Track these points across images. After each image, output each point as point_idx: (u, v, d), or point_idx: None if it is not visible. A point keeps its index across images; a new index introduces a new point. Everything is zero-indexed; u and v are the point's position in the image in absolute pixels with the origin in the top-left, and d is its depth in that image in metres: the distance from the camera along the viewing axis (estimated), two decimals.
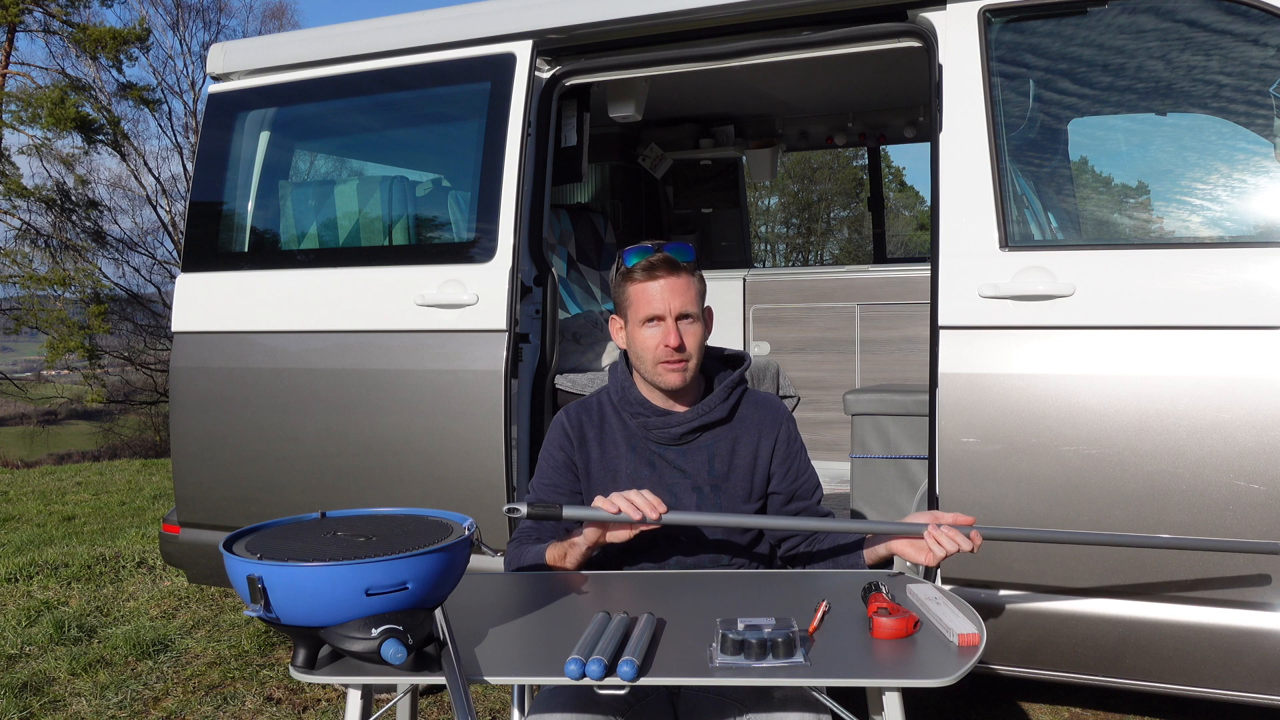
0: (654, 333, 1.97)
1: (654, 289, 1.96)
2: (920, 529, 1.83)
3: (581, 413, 2.11)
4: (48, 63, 28.46)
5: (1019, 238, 2.39)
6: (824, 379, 4.55)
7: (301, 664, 1.49)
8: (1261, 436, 2.12)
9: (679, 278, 1.96)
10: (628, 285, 2.00)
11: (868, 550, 1.99)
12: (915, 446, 3.26)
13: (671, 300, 1.95)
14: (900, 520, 1.93)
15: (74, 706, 3.18)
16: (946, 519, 1.83)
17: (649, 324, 1.97)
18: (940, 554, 1.80)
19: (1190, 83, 2.36)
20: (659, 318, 1.96)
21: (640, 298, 1.98)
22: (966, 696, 3.04)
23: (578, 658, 1.42)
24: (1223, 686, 2.19)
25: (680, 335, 1.95)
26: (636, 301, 1.98)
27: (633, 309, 2.00)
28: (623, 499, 1.80)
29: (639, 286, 1.98)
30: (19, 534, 5.92)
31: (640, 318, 1.98)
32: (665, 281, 1.96)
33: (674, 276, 1.96)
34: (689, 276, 1.98)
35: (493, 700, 3.11)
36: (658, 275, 1.96)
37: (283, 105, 3.39)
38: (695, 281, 1.99)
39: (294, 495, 3.11)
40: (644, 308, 1.97)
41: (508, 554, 2.06)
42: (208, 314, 3.33)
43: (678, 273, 1.96)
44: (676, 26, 2.82)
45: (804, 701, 1.63)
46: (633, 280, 1.98)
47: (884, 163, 14.26)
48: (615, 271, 2.04)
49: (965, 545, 1.80)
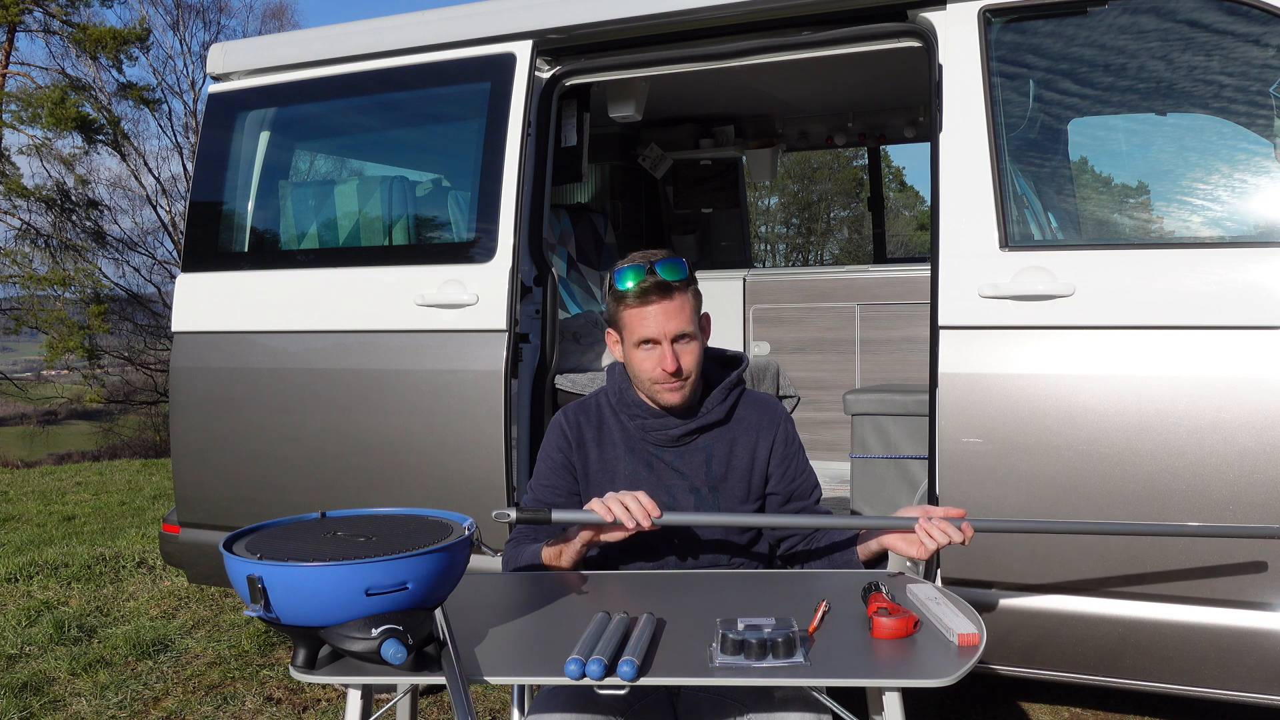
0: (649, 355, 1.94)
1: (648, 314, 1.92)
2: (911, 523, 1.83)
3: (580, 414, 2.10)
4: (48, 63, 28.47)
5: (1019, 238, 2.39)
6: (824, 379, 4.55)
7: (301, 664, 1.49)
8: (1261, 436, 2.12)
9: (672, 300, 1.92)
10: (621, 309, 1.95)
11: (861, 546, 1.99)
12: (915, 446, 3.26)
13: (666, 324, 1.91)
14: (891, 515, 1.93)
15: (74, 706, 3.18)
16: (937, 512, 1.83)
17: (644, 346, 1.94)
18: (932, 546, 1.80)
19: (1190, 83, 2.36)
20: (654, 341, 1.93)
21: (634, 322, 1.94)
22: (966, 696, 3.04)
23: (578, 658, 1.42)
24: (1223, 686, 2.19)
25: (677, 358, 1.92)
26: (630, 325, 1.95)
27: (626, 330, 1.96)
28: (616, 503, 1.78)
29: (632, 311, 1.93)
30: (19, 534, 5.92)
31: (634, 340, 1.95)
32: (659, 306, 1.91)
33: (667, 300, 1.91)
34: (683, 295, 1.93)
35: (493, 700, 3.11)
36: (650, 300, 1.91)
37: (283, 105, 3.39)
38: (690, 299, 1.95)
39: (294, 495, 3.11)
40: (638, 331, 1.93)
41: (505, 554, 2.06)
42: (208, 314, 3.33)
43: (670, 295, 1.91)
44: (676, 26, 2.82)
45: (804, 701, 1.63)
46: (625, 305, 1.94)
47: (884, 163, 14.27)
48: (607, 287, 2.01)
49: (956, 537, 1.80)
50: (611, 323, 2.02)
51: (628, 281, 1.92)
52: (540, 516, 1.81)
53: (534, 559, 1.97)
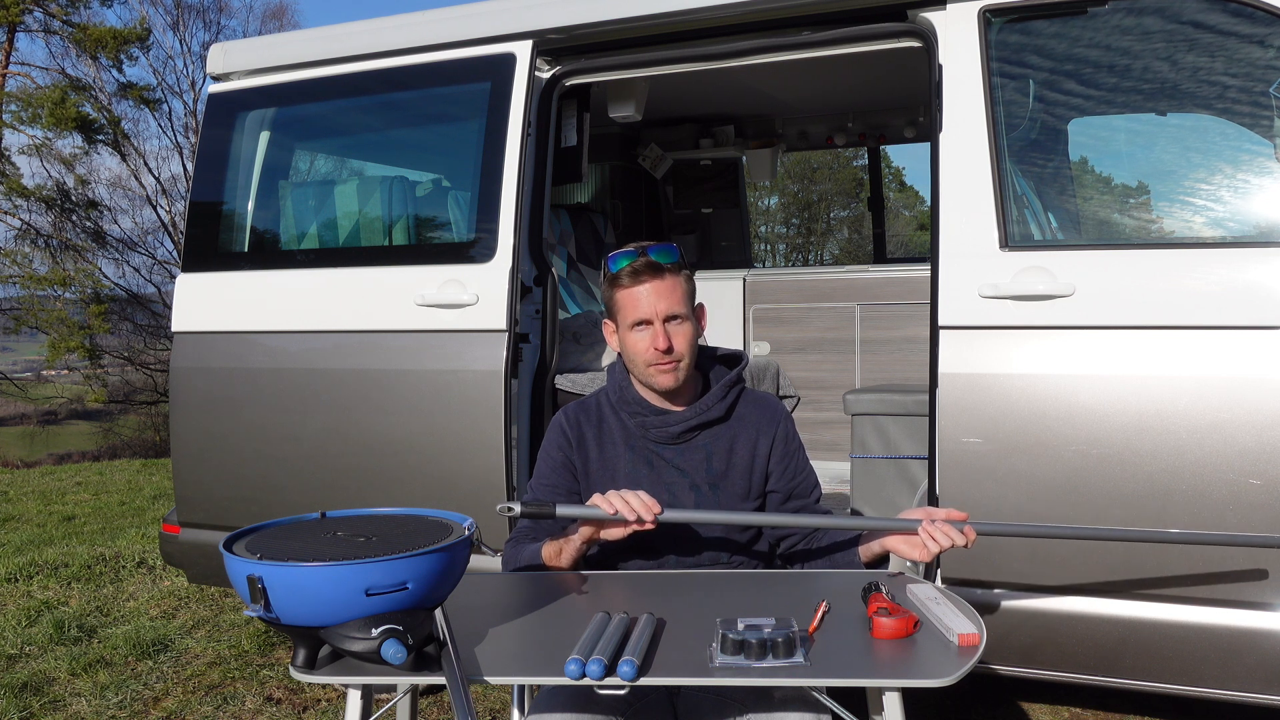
0: (642, 336, 1.97)
1: (639, 293, 1.96)
2: (914, 525, 1.83)
3: (580, 413, 2.12)
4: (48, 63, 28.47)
5: (1019, 238, 2.39)
6: (824, 379, 4.55)
7: (301, 664, 1.49)
8: (1261, 436, 2.12)
9: (664, 280, 1.96)
10: (615, 291, 2.00)
11: (862, 548, 1.99)
12: (915, 446, 3.26)
13: (658, 303, 1.95)
14: (893, 516, 1.93)
15: (74, 706, 3.18)
16: (940, 514, 1.83)
17: (637, 328, 1.98)
18: (935, 550, 1.80)
19: (1190, 83, 2.36)
20: (646, 321, 1.96)
21: (627, 303, 1.98)
22: (966, 696, 3.04)
23: (578, 658, 1.42)
24: (1223, 686, 2.19)
25: (669, 337, 1.95)
26: (624, 307, 1.99)
27: (621, 314, 2.00)
28: (619, 499, 1.80)
29: (625, 292, 1.98)
30: (19, 534, 5.92)
31: (628, 322, 1.98)
32: (650, 285, 1.95)
33: (658, 279, 1.96)
34: (674, 277, 1.98)
35: (493, 700, 3.11)
36: (642, 279, 1.96)
37: (283, 105, 3.39)
38: (682, 281, 1.99)
39: (294, 495, 3.11)
40: (631, 312, 1.97)
41: (505, 553, 2.06)
42: (208, 314, 3.33)
43: (662, 275, 1.96)
44: (676, 26, 2.82)
45: (804, 701, 1.63)
46: (619, 286, 1.99)
47: (884, 163, 14.27)
48: (602, 277, 2.05)
49: (959, 540, 1.80)
50: (608, 312, 2.06)
51: (621, 263, 1.97)
52: (544, 510, 1.81)
53: (534, 558, 1.98)
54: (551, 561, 1.95)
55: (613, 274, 1.99)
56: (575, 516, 1.85)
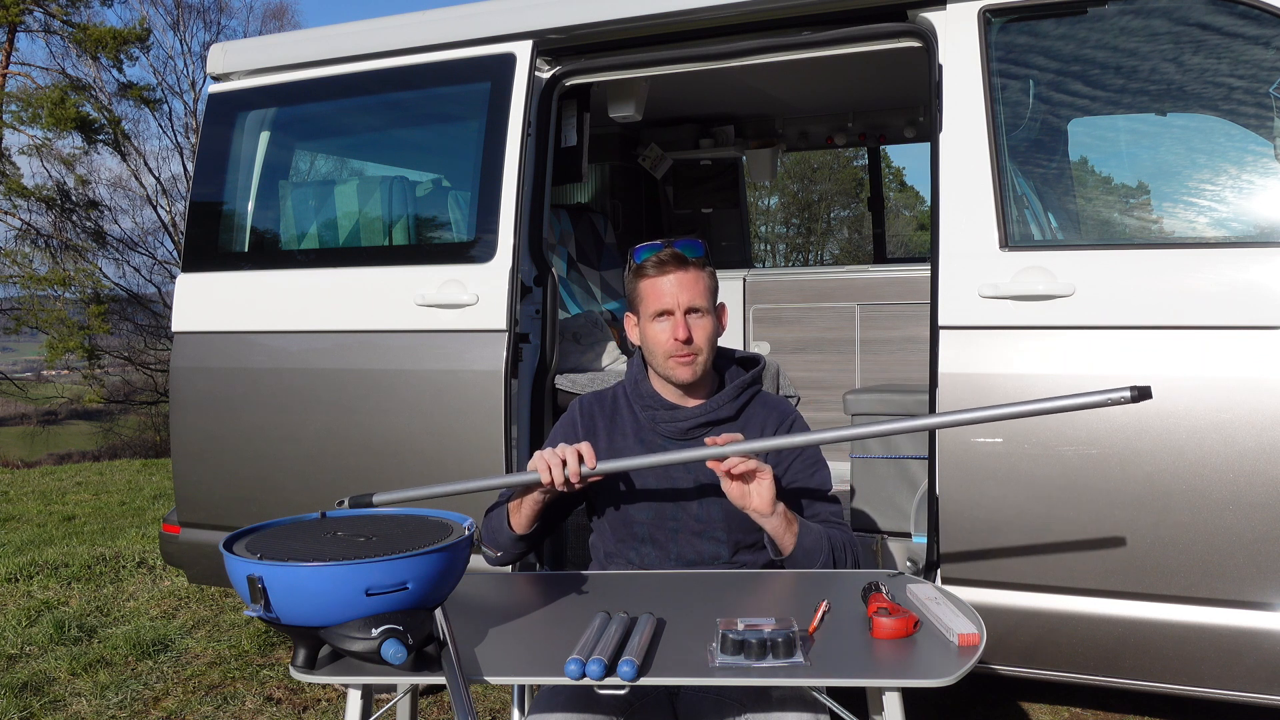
0: (663, 327, 2.00)
1: (663, 284, 1.99)
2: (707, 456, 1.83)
3: (595, 403, 2.16)
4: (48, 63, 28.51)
5: (1019, 238, 2.39)
6: (824, 379, 4.55)
7: (301, 664, 1.49)
8: (1261, 436, 2.12)
9: (687, 272, 2.00)
10: (639, 281, 2.03)
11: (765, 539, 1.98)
12: (915, 446, 3.26)
13: (680, 294, 1.98)
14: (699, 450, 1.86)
15: (74, 706, 3.18)
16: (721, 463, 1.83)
17: (659, 319, 2.01)
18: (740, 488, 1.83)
19: (1190, 83, 2.36)
20: (668, 312, 1.99)
21: (650, 293, 2.01)
22: (966, 696, 3.04)
23: (578, 658, 1.42)
24: (1222, 686, 2.19)
25: (689, 328, 1.98)
26: (647, 297, 2.02)
27: (643, 304, 2.03)
28: (541, 459, 1.83)
29: (649, 282, 2.01)
30: (19, 534, 5.92)
31: (650, 312, 2.02)
32: (674, 276, 1.99)
33: (683, 271, 1.99)
34: (698, 271, 2.01)
35: (493, 700, 3.11)
36: (667, 270, 1.99)
37: (283, 105, 3.39)
38: (705, 277, 2.02)
39: (294, 495, 3.11)
40: (654, 303, 2.01)
41: (483, 531, 2.06)
42: (208, 314, 3.33)
43: (686, 267, 2.00)
44: (676, 26, 2.82)
45: (804, 701, 1.63)
46: (644, 276, 2.02)
47: (884, 163, 14.27)
48: (627, 269, 2.08)
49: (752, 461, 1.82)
50: (630, 304, 2.09)
51: (647, 254, 2.02)
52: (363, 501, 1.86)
53: (501, 520, 2.00)
54: (514, 515, 1.97)
55: (638, 264, 2.03)
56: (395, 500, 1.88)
